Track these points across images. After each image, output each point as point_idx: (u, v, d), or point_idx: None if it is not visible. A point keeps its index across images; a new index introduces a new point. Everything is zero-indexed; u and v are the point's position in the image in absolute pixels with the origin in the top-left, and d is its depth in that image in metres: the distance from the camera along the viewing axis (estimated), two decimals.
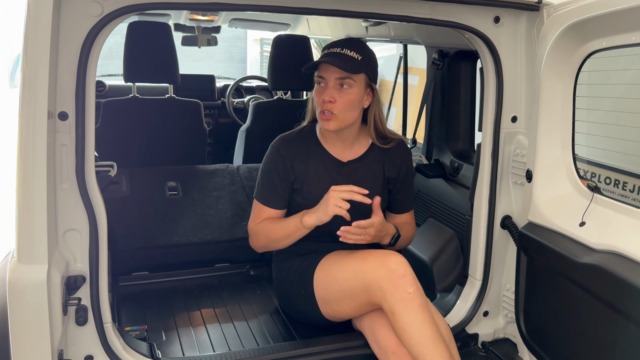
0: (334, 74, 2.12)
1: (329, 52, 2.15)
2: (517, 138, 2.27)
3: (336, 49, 2.14)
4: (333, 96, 2.12)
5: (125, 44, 3.08)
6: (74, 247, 1.83)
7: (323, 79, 2.15)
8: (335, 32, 3.74)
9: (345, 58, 2.11)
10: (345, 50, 2.12)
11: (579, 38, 1.93)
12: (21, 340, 1.67)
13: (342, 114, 2.15)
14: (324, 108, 2.14)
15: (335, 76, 2.12)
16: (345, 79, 2.12)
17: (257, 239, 2.32)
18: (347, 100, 2.13)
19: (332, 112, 2.13)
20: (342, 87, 2.13)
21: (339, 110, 2.13)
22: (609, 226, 1.86)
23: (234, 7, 1.89)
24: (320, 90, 2.16)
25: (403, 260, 2.04)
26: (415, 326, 1.94)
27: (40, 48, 1.57)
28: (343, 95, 2.13)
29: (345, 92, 2.14)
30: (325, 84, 2.15)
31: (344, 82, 2.13)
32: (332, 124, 2.15)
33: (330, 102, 2.12)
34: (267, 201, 2.29)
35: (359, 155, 2.33)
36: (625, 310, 1.70)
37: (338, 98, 2.12)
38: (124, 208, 2.89)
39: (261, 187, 2.31)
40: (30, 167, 1.61)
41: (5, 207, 2.61)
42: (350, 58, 2.11)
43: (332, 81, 2.13)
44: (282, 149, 2.28)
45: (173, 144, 3.41)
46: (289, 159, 2.26)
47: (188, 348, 2.27)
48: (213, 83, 4.68)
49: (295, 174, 2.27)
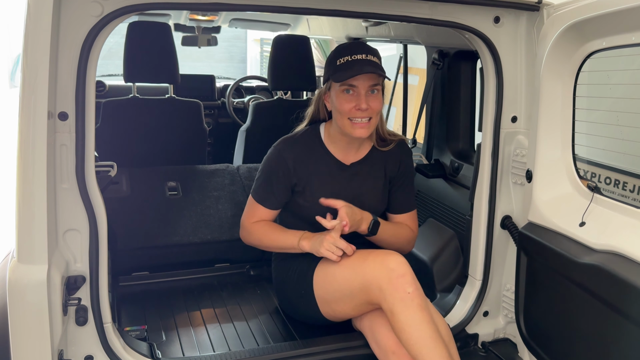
0: (367, 81, 2.10)
1: (356, 59, 2.09)
2: (517, 138, 2.26)
3: (361, 56, 2.10)
4: (368, 103, 2.11)
5: (125, 44, 3.08)
6: (74, 247, 1.83)
7: (354, 87, 2.11)
8: (335, 32, 3.75)
9: (375, 64, 2.10)
10: (369, 56, 2.11)
11: (579, 38, 1.93)
12: (21, 340, 1.67)
13: (374, 119, 2.16)
14: (357, 116, 2.12)
15: (369, 83, 2.11)
16: (376, 85, 2.13)
17: (249, 236, 2.33)
18: (378, 104, 2.15)
19: (368, 119, 2.13)
20: (372, 93, 2.13)
21: (372, 115, 2.14)
22: (609, 226, 1.86)
23: (234, 7, 1.89)
24: (350, 98, 2.12)
25: (402, 260, 2.04)
26: (415, 326, 1.94)
27: (40, 48, 1.57)
28: (375, 101, 2.13)
29: (376, 98, 2.14)
30: (356, 92, 2.11)
31: (375, 88, 2.13)
32: (366, 131, 2.15)
33: (366, 110, 2.11)
34: (263, 200, 2.30)
35: (362, 157, 2.33)
36: (625, 310, 1.69)
37: (371, 104, 2.12)
38: (124, 208, 2.89)
39: (259, 186, 2.32)
40: (30, 167, 1.61)
41: (5, 207, 2.61)
42: (377, 64, 2.12)
43: (365, 88, 2.11)
44: (285, 152, 2.28)
45: (173, 144, 3.41)
46: (291, 161, 2.26)
47: (188, 348, 2.27)
48: (213, 83, 4.68)
49: (297, 176, 2.27)
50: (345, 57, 2.11)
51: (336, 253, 2.08)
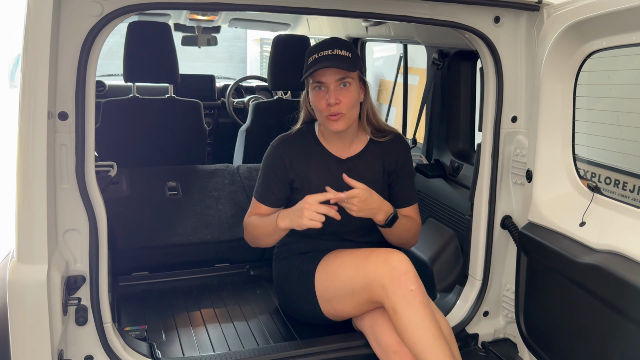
0: (333, 75, 2.12)
1: (321, 55, 2.12)
2: (517, 138, 2.27)
3: (327, 52, 2.13)
4: (337, 97, 2.12)
5: (125, 44, 3.08)
6: (74, 247, 1.83)
7: (322, 83, 2.14)
8: (335, 32, 3.74)
9: (340, 58, 2.11)
10: (336, 50, 2.12)
11: (579, 38, 1.93)
12: (21, 340, 1.67)
13: (348, 112, 2.16)
14: (331, 112, 2.13)
15: (335, 78, 2.13)
16: (345, 78, 2.13)
17: (246, 233, 2.34)
18: (350, 98, 2.15)
19: (341, 113, 2.13)
20: (343, 87, 2.14)
21: (345, 109, 2.14)
22: (609, 226, 1.86)
23: (234, 7, 1.89)
24: (321, 94, 2.15)
25: (405, 258, 2.05)
26: (417, 324, 1.94)
27: (40, 48, 1.57)
28: (346, 94, 2.14)
29: (347, 91, 2.15)
30: (326, 88, 2.14)
31: (345, 82, 2.14)
32: (341, 124, 2.15)
33: (336, 104, 2.12)
34: (262, 198, 2.31)
35: (358, 151, 2.34)
36: (625, 310, 1.69)
37: (342, 98, 2.13)
38: (124, 208, 2.89)
39: (259, 184, 2.34)
40: (30, 167, 1.61)
41: (5, 207, 2.61)
42: (344, 57, 2.12)
43: (333, 83, 2.13)
44: (281, 149, 2.30)
45: (173, 144, 3.41)
46: (288, 158, 2.27)
47: (188, 348, 2.27)
48: (213, 83, 4.68)
49: (295, 173, 2.27)
50: (314, 55, 2.15)
51: (320, 219, 2.00)
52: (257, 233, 2.25)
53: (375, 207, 2.13)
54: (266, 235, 2.22)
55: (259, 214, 2.31)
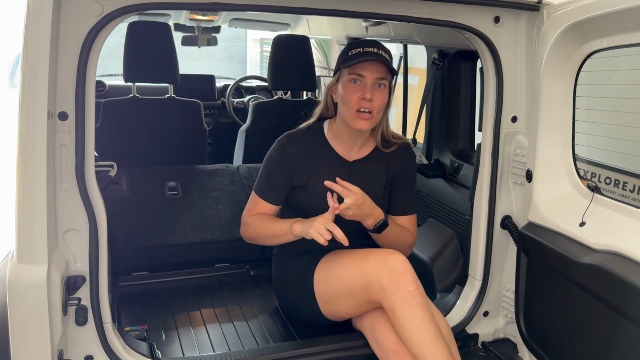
0: (375, 73, 2.11)
1: (367, 51, 2.11)
2: (517, 138, 2.26)
3: (373, 49, 2.11)
4: (373, 95, 2.11)
5: (125, 44, 3.08)
6: (74, 247, 1.83)
7: (362, 77, 2.12)
8: (335, 32, 3.74)
9: (385, 59, 2.11)
10: (380, 51, 2.12)
11: (579, 38, 1.93)
12: (21, 340, 1.67)
13: (377, 114, 2.16)
14: (362, 106, 2.11)
15: (376, 75, 2.11)
16: (383, 79, 2.13)
17: (247, 230, 2.32)
18: (383, 99, 2.15)
19: (371, 112, 2.12)
20: (379, 87, 2.14)
21: (376, 109, 2.13)
22: (609, 226, 1.86)
23: (234, 7, 1.89)
24: (357, 88, 2.13)
25: (404, 258, 2.04)
26: (416, 324, 1.94)
27: (40, 48, 1.57)
28: (380, 95, 2.13)
29: (382, 93, 2.14)
30: (363, 83, 2.12)
31: (381, 83, 2.13)
32: (368, 123, 2.14)
33: (370, 101, 2.11)
34: (265, 195, 2.29)
35: (365, 155, 2.33)
36: (625, 310, 1.69)
37: (376, 98, 2.12)
38: (124, 208, 2.89)
39: (261, 180, 2.32)
40: (30, 167, 1.61)
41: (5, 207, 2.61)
42: (387, 59, 2.12)
43: (372, 80, 2.11)
44: (287, 146, 2.28)
45: (173, 144, 3.41)
46: (294, 156, 2.26)
47: (188, 348, 2.27)
48: (213, 83, 4.68)
49: (299, 172, 2.27)
50: (357, 48, 2.13)
51: (325, 236, 2.00)
52: (264, 233, 2.24)
53: (367, 212, 2.13)
54: (273, 237, 2.22)
55: (259, 211, 2.30)
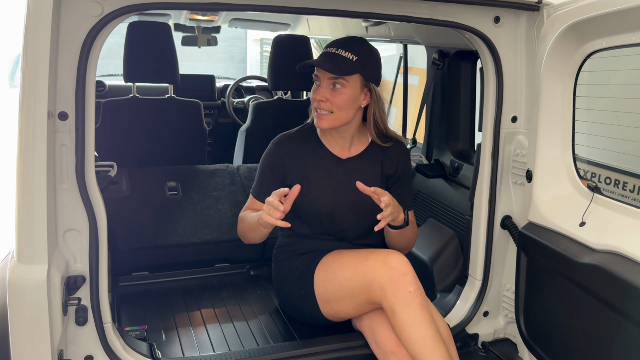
0: (326, 73, 2.15)
1: (325, 52, 2.18)
2: (517, 138, 2.27)
3: (332, 49, 2.16)
4: (325, 95, 2.15)
5: (125, 44, 3.08)
6: (74, 247, 1.83)
7: (318, 77, 2.19)
8: (335, 32, 3.74)
9: (339, 59, 2.12)
10: (340, 50, 2.14)
11: (579, 38, 1.93)
12: (21, 340, 1.67)
13: (338, 112, 2.17)
14: (318, 107, 2.18)
15: (328, 76, 2.15)
16: (337, 79, 2.14)
17: (238, 228, 2.35)
18: (340, 99, 2.16)
19: (325, 111, 2.17)
20: (335, 87, 2.15)
21: (330, 109, 2.16)
22: (609, 226, 1.86)
23: (234, 7, 1.89)
24: (315, 88, 2.21)
25: (404, 259, 2.04)
26: (415, 325, 1.94)
27: (40, 48, 1.57)
28: (335, 95, 2.15)
29: (338, 92, 2.15)
30: (320, 83, 2.18)
31: (336, 82, 2.15)
32: (324, 122, 2.18)
33: (322, 101, 2.15)
34: (257, 195, 2.32)
35: (358, 152, 2.34)
36: (625, 310, 1.69)
37: (330, 97, 2.15)
38: (124, 208, 2.89)
39: (256, 182, 2.36)
40: (30, 167, 1.61)
41: (5, 207, 2.61)
42: (344, 59, 2.12)
43: (325, 81, 2.16)
44: (281, 147, 2.30)
45: (173, 144, 3.41)
46: (286, 156, 2.28)
47: (188, 348, 2.27)
48: (213, 83, 4.68)
49: (293, 172, 2.28)
50: (326, 48, 2.20)
51: (273, 215, 1.93)
52: (244, 227, 2.27)
53: (398, 209, 2.12)
54: (250, 230, 2.22)
55: (253, 209, 2.32)
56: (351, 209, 2.28)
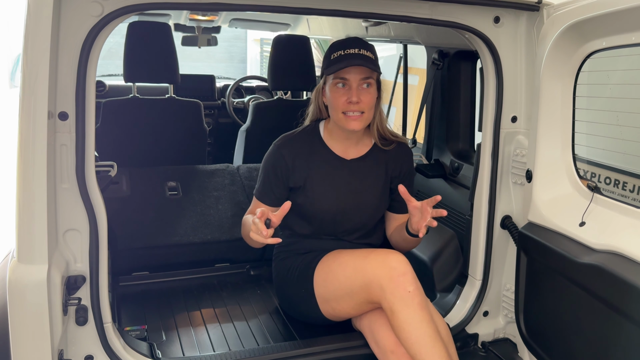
0: (358, 74, 2.13)
1: (348, 53, 2.13)
2: (517, 138, 2.27)
3: (353, 50, 2.13)
4: (359, 96, 2.13)
5: (125, 44, 3.08)
6: (74, 247, 1.83)
7: (346, 80, 2.14)
8: (335, 32, 3.74)
9: (366, 58, 2.12)
10: (362, 50, 2.13)
11: (579, 38, 1.93)
12: (21, 340, 1.67)
13: (368, 112, 2.18)
14: (349, 109, 2.14)
15: (360, 77, 2.13)
16: (368, 78, 2.15)
17: (241, 231, 2.33)
18: (369, 99, 2.16)
19: (357, 112, 2.15)
20: (366, 87, 2.15)
21: (362, 109, 2.15)
22: (609, 226, 1.86)
23: (234, 7, 1.89)
24: (342, 92, 2.15)
25: (403, 259, 2.05)
26: (414, 325, 1.94)
27: (40, 48, 1.57)
28: (367, 95, 2.15)
29: (368, 92, 2.16)
30: (348, 85, 2.15)
31: (368, 82, 2.15)
32: (358, 123, 2.17)
33: (357, 103, 2.13)
34: (261, 196, 2.32)
35: (362, 154, 2.33)
36: (625, 310, 1.70)
37: (363, 97, 2.14)
38: (124, 208, 2.89)
39: (259, 183, 2.34)
40: (30, 167, 1.61)
41: (5, 207, 2.61)
42: (369, 58, 2.13)
43: (357, 82, 2.14)
44: (284, 148, 2.29)
45: (173, 144, 3.41)
46: (290, 158, 2.27)
47: (188, 348, 2.27)
48: (213, 83, 4.68)
49: (297, 174, 2.27)
50: (338, 51, 2.15)
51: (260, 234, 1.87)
52: (244, 232, 2.25)
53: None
54: (248, 237, 2.17)
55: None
56: (354, 209, 2.28)
